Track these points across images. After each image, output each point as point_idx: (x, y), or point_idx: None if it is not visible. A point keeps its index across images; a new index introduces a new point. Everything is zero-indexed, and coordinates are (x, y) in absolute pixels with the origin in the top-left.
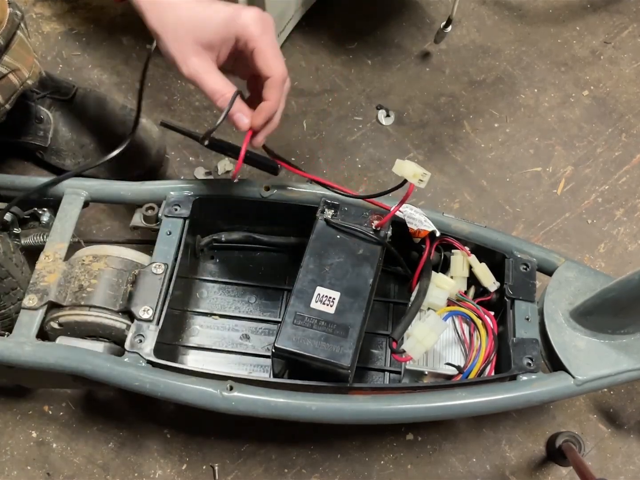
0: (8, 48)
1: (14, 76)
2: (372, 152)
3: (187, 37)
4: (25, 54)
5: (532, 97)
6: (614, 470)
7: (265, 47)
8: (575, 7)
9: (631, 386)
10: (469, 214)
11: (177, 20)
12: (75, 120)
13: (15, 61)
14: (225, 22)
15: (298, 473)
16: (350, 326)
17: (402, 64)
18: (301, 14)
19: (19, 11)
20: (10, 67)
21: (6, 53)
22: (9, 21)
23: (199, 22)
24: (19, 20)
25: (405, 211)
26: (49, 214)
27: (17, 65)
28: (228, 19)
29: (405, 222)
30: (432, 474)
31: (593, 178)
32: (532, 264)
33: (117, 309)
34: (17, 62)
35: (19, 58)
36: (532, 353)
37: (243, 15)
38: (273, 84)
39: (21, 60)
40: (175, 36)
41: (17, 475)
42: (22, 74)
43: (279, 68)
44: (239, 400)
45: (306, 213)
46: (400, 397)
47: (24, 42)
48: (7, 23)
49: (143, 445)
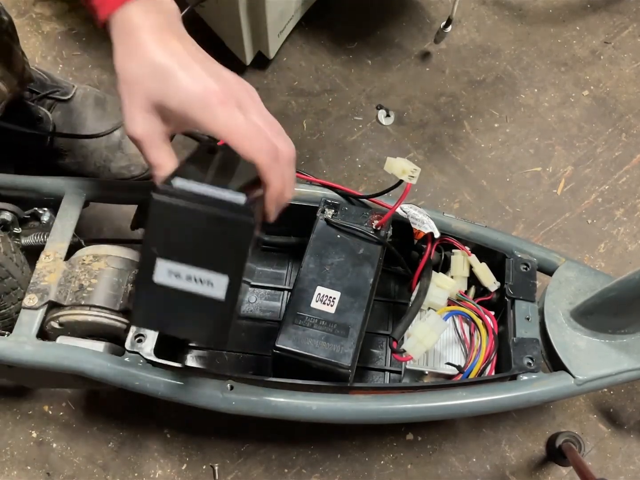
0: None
1: (2, 84)
2: (372, 152)
3: (141, 97)
4: (14, 61)
5: (532, 97)
6: (614, 470)
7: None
8: (575, 7)
9: (631, 386)
10: (469, 214)
11: (138, 78)
12: (75, 121)
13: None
14: (187, 106)
15: (298, 473)
16: (351, 326)
17: (402, 64)
18: (301, 14)
19: (5, 16)
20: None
21: None
22: None
23: (158, 91)
24: (6, 27)
25: (408, 211)
26: (49, 214)
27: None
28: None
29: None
30: (432, 474)
31: (593, 178)
32: (532, 264)
33: (117, 309)
34: (3, 68)
35: (6, 65)
36: (533, 353)
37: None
38: (261, 169)
39: (9, 68)
40: (131, 91)
41: (17, 475)
42: (11, 81)
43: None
44: (239, 400)
45: (306, 213)
46: (401, 397)
47: (12, 48)
48: None
49: (143, 445)
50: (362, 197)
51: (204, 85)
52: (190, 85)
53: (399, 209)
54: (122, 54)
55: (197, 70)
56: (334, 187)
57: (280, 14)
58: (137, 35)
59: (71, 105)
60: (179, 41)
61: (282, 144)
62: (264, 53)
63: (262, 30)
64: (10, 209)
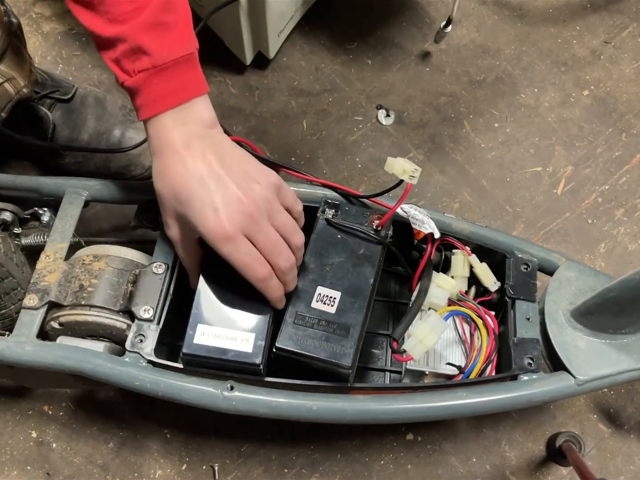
0: (3, 57)
1: (10, 85)
2: (372, 152)
3: (172, 212)
4: (21, 63)
5: (532, 97)
6: (614, 470)
7: (236, 265)
8: (575, 7)
9: (631, 386)
10: (469, 214)
11: (168, 194)
12: (75, 120)
13: (10, 70)
14: (199, 232)
15: (298, 473)
16: (351, 326)
17: (402, 64)
18: (301, 14)
19: (15, 19)
20: (6, 75)
21: (1, 62)
22: (4, 30)
23: (185, 211)
24: (15, 29)
25: (409, 211)
26: (49, 214)
27: (12, 74)
28: (202, 230)
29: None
30: (432, 474)
31: (593, 178)
32: (532, 264)
33: (117, 309)
34: (12, 70)
35: (15, 67)
36: (533, 353)
37: (213, 234)
38: (259, 288)
39: (17, 69)
40: (165, 206)
41: (17, 475)
42: (18, 83)
43: (256, 276)
44: (240, 400)
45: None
46: (401, 397)
47: (20, 50)
48: (2, 32)
49: (143, 445)
50: (363, 197)
51: (214, 218)
52: (200, 219)
53: (399, 209)
54: (156, 171)
55: (213, 196)
56: (335, 187)
57: (280, 14)
58: (167, 154)
59: (71, 105)
60: (208, 156)
61: (282, 258)
62: (264, 53)
63: (262, 30)
64: (11, 209)
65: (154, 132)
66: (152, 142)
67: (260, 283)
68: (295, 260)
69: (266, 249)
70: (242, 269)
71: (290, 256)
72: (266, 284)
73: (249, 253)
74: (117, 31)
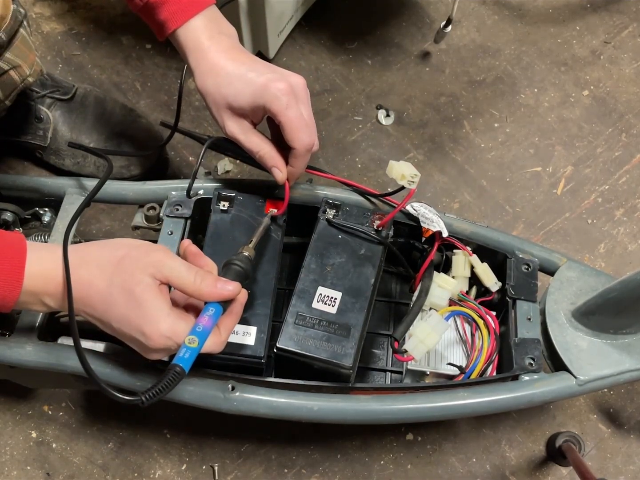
0: (10, 44)
1: (15, 73)
2: (372, 152)
3: (223, 104)
4: (26, 51)
5: (532, 97)
6: (614, 470)
7: (290, 121)
8: (575, 7)
9: (631, 386)
10: (469, 214)
11: (216, 89)
12: (75, 120)
13: (16, 58)
14: (254, 96)
15: (298, 473)
16: (352, 326)
17: (402, 64)
18: (301, 13)
19: (22, 9)
20: (12, 63)
21: (8, 49)
22: (12, 18)
23: (232, 93)
24: (22, 18)
25: (419, 209)
26: (50, 214)
27: (19, 62)
28: (257, 93)
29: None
30: (432, 474)
31: (593, 178)
32: (533, 264)
33: None
34: (18, 58)
35: (21, 55)
36: (534, 353)
37: (272, 89)
38: (297, 154)
39: (22, 57)
40: (214, 101)
41: (17, 475)
42: (23, 71)
43: (303, 140)
44: (241, 400)
45: (308, 213)
46: (402, 397)
47: (26, 39)
48: (10, 20)
49: (143, 445)
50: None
51: (268, 78)
52: (257, 79)
53: (410, 207)
54: (200, 74)
55: (262, 70)
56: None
57: (280, 14)
58: (210, 57)
59: (71, 105)
60: (244, 54)
61: (316, 140)
62: (263, 53)
63: (261, 30)
64: (12, 209)
65: (190, 37)
66: (191, 57)
67: (304, 151)
68: None
69: (310, 122)
70: (298, 131)
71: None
72: (306, 154)
73: (305, 117)
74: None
